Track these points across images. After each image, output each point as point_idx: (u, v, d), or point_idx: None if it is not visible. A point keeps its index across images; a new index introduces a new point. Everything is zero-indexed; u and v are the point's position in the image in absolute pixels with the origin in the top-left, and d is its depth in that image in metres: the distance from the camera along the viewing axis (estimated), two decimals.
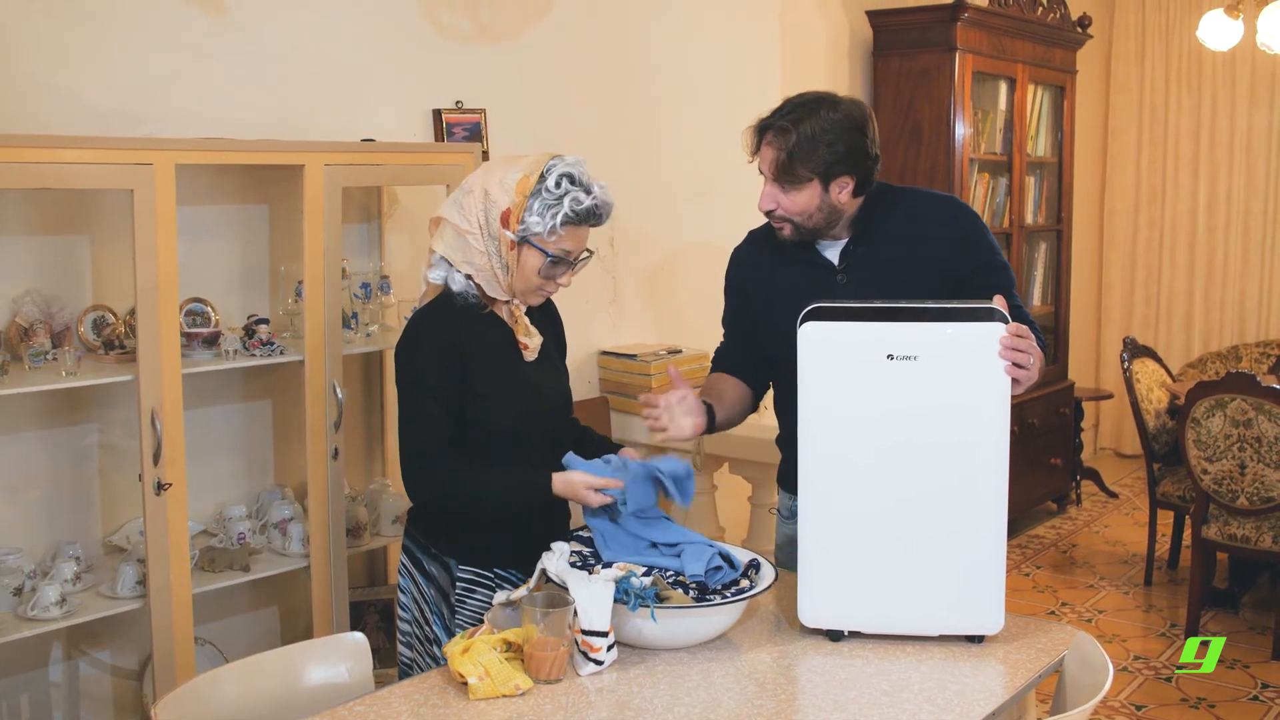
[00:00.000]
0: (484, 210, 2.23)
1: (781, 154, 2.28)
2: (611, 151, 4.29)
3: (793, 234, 2.38)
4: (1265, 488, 4.27)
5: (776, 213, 2.36)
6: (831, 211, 2.35)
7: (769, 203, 2.36)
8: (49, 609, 2.65)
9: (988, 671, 2.02)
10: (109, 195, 2.89)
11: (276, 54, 3.30)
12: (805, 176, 2.29)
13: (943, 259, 2.38)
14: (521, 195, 2.20)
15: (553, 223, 2.20)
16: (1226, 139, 7.05)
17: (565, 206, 2.19)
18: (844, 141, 2.27)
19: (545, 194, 2.20)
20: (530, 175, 2.21)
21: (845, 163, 2.29)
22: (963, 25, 5.28)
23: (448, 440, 2.26)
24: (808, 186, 2.30)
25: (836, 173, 2.29)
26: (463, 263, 2.26)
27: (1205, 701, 3.97)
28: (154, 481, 2.73)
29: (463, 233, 2.25)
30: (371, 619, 3.44)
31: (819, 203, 2.32)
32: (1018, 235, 5.89)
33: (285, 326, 3.22)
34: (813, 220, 2.35)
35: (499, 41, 3.92)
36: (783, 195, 2.33)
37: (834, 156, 2.27)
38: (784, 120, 2.29)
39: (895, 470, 2.09)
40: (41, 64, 2.86)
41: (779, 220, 2.38)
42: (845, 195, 2.33)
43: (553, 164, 2.23)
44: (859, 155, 2.30)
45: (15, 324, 2.78)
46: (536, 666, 1.96)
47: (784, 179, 2.30)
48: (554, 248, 2.23)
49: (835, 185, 2.31)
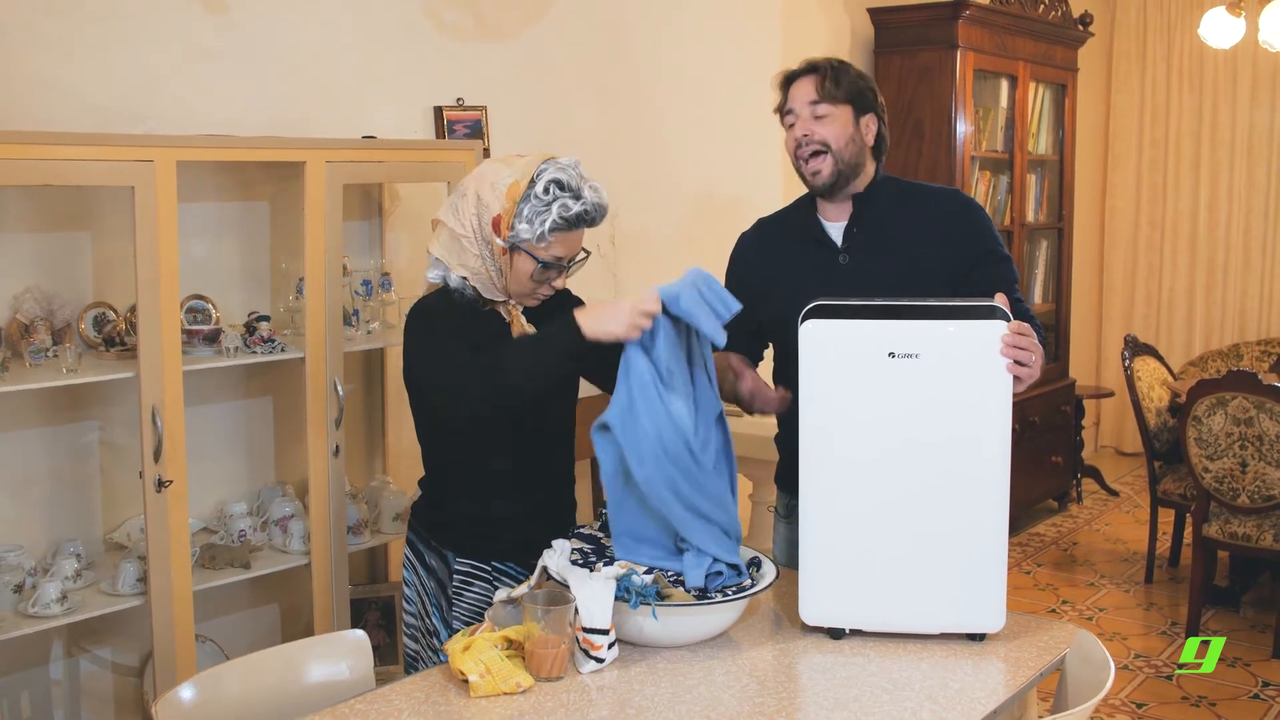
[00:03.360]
0: (477, 215, 2.23)
1: (818, 80, 2.41)
2: (612, 148, 4.29)
3: (830, 173, 2.42)
4: (1266, 486, 4.27)
5: (814, 138, 2.41)
6: (859, 150, 2.43)
7: (805, 128, 2.42)
8: (50, 606, 2.65)
9: (989, 670, 2.02)
10: (110, 192, 2.89)
11: (278, 51, 3.30)
12: (842, 98, 2.41)
13: (945, 246, 2.41)
14: (511, 201, 2.19)
15: (541, 229, 2.18)
16: (1228, 137, 7.04)
17: (554, 214, 2.18)
18: (867, 83, 2.45)
19: (534, 200, 2.18)
20: (520, 180, 2.19)
21: (872, 102, 2.44)
22: (964, 23, 5.28)
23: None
24: (843, 111, 2.41)
25: (865, 106, 2.43)
26: (458, 265, 2.25)
27: (1206, 700, 3.97)
28: (155, 479, 2.73)
29: (458, 236, 2.25)
30: (372, 616, 3.44)
31: (852, 132, 2.42)
32: (1019, 233, 5.88)
33: (286, 324, 3.22)
34: (848, 151, 2.42)
35: (501, 39, 3.91)
36: (818, 124, 2.42)
37: (864, 89, 2.43)
38: (813, 62, 2.45)
39: (897, 468, 2.08)
40: (43, 61, 2.86)
41: (817, 153, 2.41)
42: (870, 138, 2.45)
43: (543, 168, 2.20)
44: (878, 104, 2.46)
45: (16, 321, 2.78)
46: (537, 664, 1.95)
47: (824, 97, 2.40)
48: (545, 254, 2.21)
49: (864, 122, 2.43)
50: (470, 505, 2.35)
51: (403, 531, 3.25)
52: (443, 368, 2.19)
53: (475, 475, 2.34)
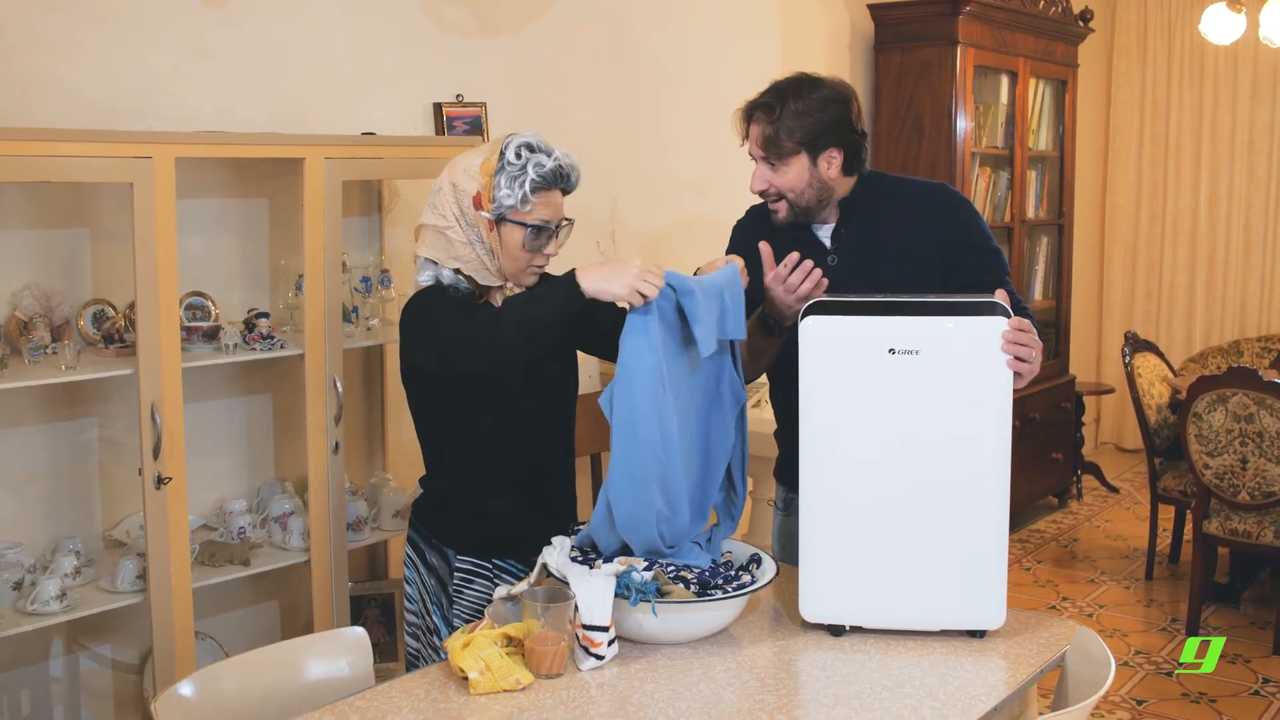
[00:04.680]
0: (455, 201, 2.24)
1: (769, 128, 2.35)
2: (612, 145, 4.29)
3: (788, 214, 2.42)
4: (1266, 482, 4.27)
5: (769, 191, 2.40)
6: (822, 187, 2.39)
7: (760, 183, 2.41)
8: (49, 603, 2.65)
9: (989, 666, 2.02)
10: (109, 189, 2.88)
11: (277, 47, 3.30)
12: (792, 149, 2.34)
13: (933, 242, 2.40)
14: (487, 175, 2.22)
15: (522, 191, 2.20)
16: (1228, 133, 7.03)
17: (530, 173, 2.21)
18: (827, 113, 2.34)
19: (509, 167, 2.21)
20: (490, 156, 2.23)
21: (831, 134, 2.35)
22: (964, 19, 5.27)
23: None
24: (795, 160, 2.35)
25: (823, 144, 2.35)
26: (448, 259, 2.26)
27: (1206, 696, 3.97)
28: (154, 476, 2.73)
29: (442, 230, 2.25)
30: (372, 613, 3.43)
31: (809, 177, 2.37)
32: (1019, 229, 5.88)
33: (285, 320, 3.21)
34: (805, 197, 2.39)
35: (500, 35, 3.91)
36: (773, 173, 2.38)
37: (819, 127, 2.34)
38: (768, 97, 2.36)
39: (897, 465, 2.08)
40: (41, 58, 2.85)
41: (773, 200, 2.42)
42: (834, 171, 2.38)
43: (509, 140, 2.24)
44: (844, 128, 2.36)
45: (15, 318, 2.78)
46: (537, 661, 1.95)
47: (772, 153, 2.36)
48: (531, 218, 2.23)
49: (823, 159, 2.36)
50: (470, 503, 2.34)
51: (402, 528, 3.25)
52: (436, 328, 2.19)
53: (475, 472, 2.34)
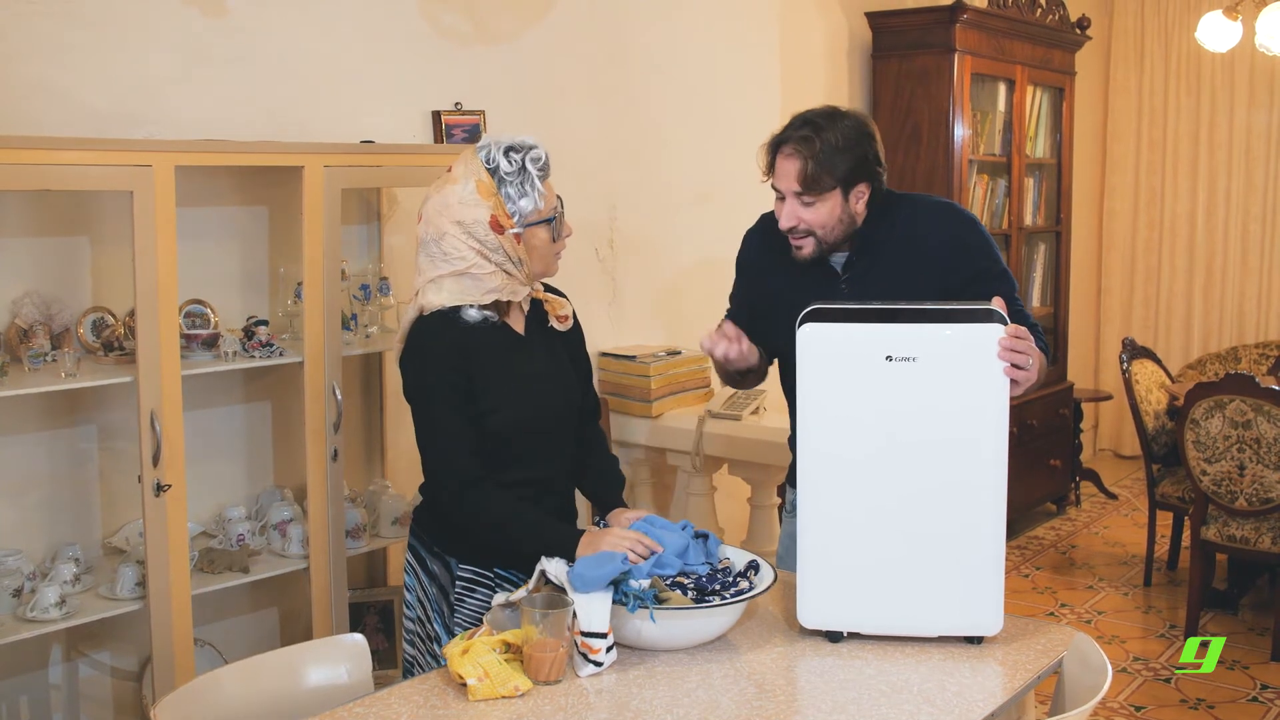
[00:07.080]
0: (470, 237, 2.21)
1: (808, 164, 2.28)
2: (611, 152, 4.29)
3: (813, 251, 2.37)
4: (1264, 489, 4.27)
5: (799, 228, 2.35)
6: (850, 222, 2.36)
7: (790, 219, 2.34)
8: (48, 610, 2.65)
9: (987, 672, 2.02)
10: (108, 197, 2.89)
11: (276, 55, 3.31)
12: (829, 185, 2.29)
13: (942, 268, 2.38)
14: (490, 196, 2.20)
15: (535, 190, 2.22)
16: (1225, 140, 7.05)
17: (532, 170, 2.22)
18: (861, 147, 2.30)
19: (509, 176, 2.21)
20: (479, 178, 2.21)
21: (863, 169, 2.31)
22: (961, 27, 5.28)
23: (478, 453, 2.24)
24: (830, 196, 2.31)
25: (855, 180, 2.32)
26: (483, 295, 2.22)
27: (1204, 703, 3.97)
28: (153, 483, 2.73)
29: (464, 272, 2.22)
30: (371, 620, 3.43)
31: (840, 213, 2.33)
32: (1017, 237, 5.89)
33: (284, 328, 3.22)
34: (834, 233, 2.35)
35: (498, 43, 3.92)
36: (804, 210, 2.32)
37: (854, 163, 2.30)
38: (804, 130, 2.29)
39: (894, 471, 2.09)
40: (41, 65, 2.86)
41: (800, 237, 2.36)
42: (862, 205, 2.35)
43: (482, 153, 2.23)
44: (874, 162, 2.33)
45: (15, 325, 2.78)
46: (536, 668, 1.96)
47: (810, 190, 2.30)
48: (549, 210, 2.26)
49: (854, 194, 2.33)
50: None
51: (402, 535, 3.25)
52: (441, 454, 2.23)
53: None
